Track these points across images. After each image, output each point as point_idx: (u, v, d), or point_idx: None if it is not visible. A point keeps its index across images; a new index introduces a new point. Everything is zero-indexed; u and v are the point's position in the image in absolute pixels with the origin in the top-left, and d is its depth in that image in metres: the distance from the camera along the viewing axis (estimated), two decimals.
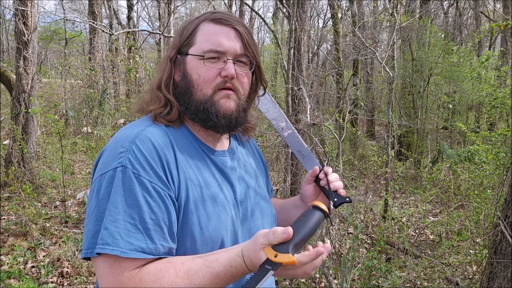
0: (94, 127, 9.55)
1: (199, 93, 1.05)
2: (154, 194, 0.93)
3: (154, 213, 0.93)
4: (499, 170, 4.49)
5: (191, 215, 0.98)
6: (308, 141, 3.98)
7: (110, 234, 0.89)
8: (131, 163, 0.94)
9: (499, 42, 14.51)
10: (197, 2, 21.95)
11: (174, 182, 0.97)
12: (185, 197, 0.98)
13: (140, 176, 0.93)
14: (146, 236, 0.91)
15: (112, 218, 0.91)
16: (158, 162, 0.96)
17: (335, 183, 1.19)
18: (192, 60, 1.06)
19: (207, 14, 1.09)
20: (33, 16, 5.97)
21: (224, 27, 1.06)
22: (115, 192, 0.92)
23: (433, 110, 9.15)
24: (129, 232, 0.90)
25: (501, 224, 2.39)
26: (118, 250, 0.88)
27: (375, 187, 5.61)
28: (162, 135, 1.01)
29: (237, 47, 1.06)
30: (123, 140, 0.98)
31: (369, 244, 4.32)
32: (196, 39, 1.07)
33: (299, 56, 4.29)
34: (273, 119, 1.34)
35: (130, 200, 0.92)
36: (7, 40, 16.42)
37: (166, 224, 0.94)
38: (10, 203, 5.07)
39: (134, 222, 0.91)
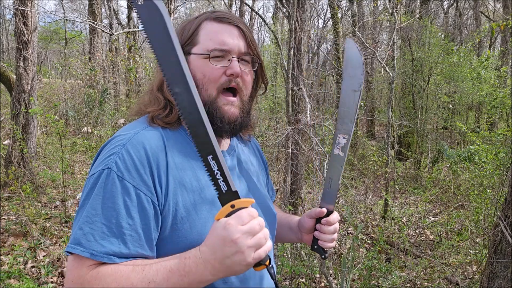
0: (94, 127, 9.56)
1: (203, 93, 1.04)
2: (135, 199, 0.91)
3: (132, 218, 0.91)
4: (499, 170, 4.49)
5: (182, 221, 0.96)
6: (308, 141, 3.98)
7: (84, 235, 0.89)
8: (117, 166, 0.93)
9: (499, 42, 14.51)
10: (197, 2, 21.96)
11: (162, 188, 0.95)
12: (174, 204, 0.96)
13: (123, 179, 0.92)
14: (120, 241, 0.90)
15: (88, 219, 0.90)
16: (146, 167, 0.94)
17: (325, 236, 1.18)
18: (196, 60, 1.05)
19: (208, 13, 1.08)
20: (33, 16, 5.97)
21: (227, 25, 1.06)
22: (96, 193, 0.92)
23: (433, 110, 9.15)
24: (103, 235, 0.89)
25: (501, 224, 2.39)
26: (88, 252, 0.88)
27: (375, 187, 5.61)
28: (156, 139, 0.99)
29: (241, 46, 1.05)
30: (116, 143, 0.98)
31: (369, 244, 4.32)
32: (199, 38, 1.05)
33: (299, 56, 4.29)
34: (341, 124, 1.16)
35: (109, 202, 0.91)
36: (7, 40, 16.43)
37: (143, 231, 0.92)
38: (10, 203, 5.07)
39: (110, 225, 0.90)
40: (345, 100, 1.13)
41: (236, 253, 0.85)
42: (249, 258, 0.86)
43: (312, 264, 3.47)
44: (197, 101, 0.89)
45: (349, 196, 4.87)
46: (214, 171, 0.89)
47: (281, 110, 9.90)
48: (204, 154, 0.89)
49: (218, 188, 0.90)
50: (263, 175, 1.30)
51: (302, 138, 4.02)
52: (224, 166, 0.90)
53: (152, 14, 0.87)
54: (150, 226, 0.93)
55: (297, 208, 4.19)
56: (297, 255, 3.59)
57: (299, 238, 1.27)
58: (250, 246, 0.86)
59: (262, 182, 1.26)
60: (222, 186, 0.89)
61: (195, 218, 0.97)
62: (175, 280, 0.87)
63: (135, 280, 0.87)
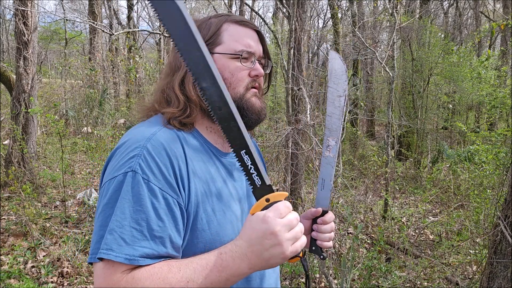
0: (94, 127, 9.56)
1: (231, 92, 1.06)
2: (163, 201, 0.92)
3: (162, 221, 0.91)
4: (499, 170, 4.49)
5: (202, 224, 0.97)
6: (308, 141, 3.98)
7: (115, 240, 0.88)
8: (141, 168, 0.92)
9: (499, 42, 14.51)
10: (197, 2, 21.95)
11: (185, 190, 0.95)
12: (196, 206, 0.97)
13: (150, 182, 0.91)
14: (153, 243, 0.89)
15: (118, 223, 0.89)
16: (169, 169, 0.94)
17: (322, 235, 1.19)
18: (221, 59, 1.07)
19: (226, 16, 1.13)
20: (33, 16, 5.97)
21: (249, 29, 1.12)
22: (123, 197, 0.91)
23: (433, 110, 9.15)
24: (134, 239, 0.88)
25: (501, 224, 2.39)
26: (121, 257, 0.87)
27: (375, 187, 5.61)
28: (174, 140, 1.00)
29: (260, 49, 1.13)
30: (135, 143, 0.96)
31: (369, 244, 4.32)
32: (223, 39, 1.09)
33: (299, 56, 4.29)
34: (328, 128, 1.22)
35: (138, 206, 0.90)
36: (7, 40, 16.43)
37: (173, 233, 0.92)
38: (10, 203, 5.07)
39: (141, 228, 0.89)
40: (331, 106, 1.19)
41: (275, 245, 0.86)
42: (287, 251, 0.87)
43: (312, 264, 3.47)
44: (226, 95, 0.89)
45: (349, 196, 4.87)
46: (248, 165, 0.89)
47: (281, 110, 9.91)
48: (237, 149, 0.89)
49: (252, 182, 0.90)
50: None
51: (302, 138, 4.02)
52: (257, 159, 0.90)
53: (169, 9, 0.86)
54: (179, 227, 0.94)
55: (297, 208, 4.19)
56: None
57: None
58: (288, 239, 0.87)
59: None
60: (256, 180, 0.89)
61: (214, 220, 0.99)
62: (213, 276, 0.88)
63: (173, 280, 0.87)
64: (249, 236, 0.88)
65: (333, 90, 1.19)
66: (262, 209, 0.89)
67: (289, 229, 0.88)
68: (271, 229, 0.86)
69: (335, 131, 1.20)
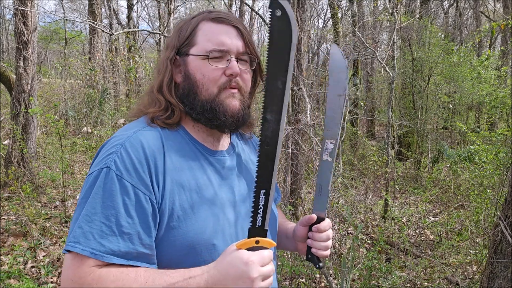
0: (94, 127, 9.55)
1: (204, 93, 1.04)
2: (134, 198, 0.92)
3: (131, 217, 0.92)
4: (499, 170, 4.49)
5: (179, 221, 0.97)
6: (308, 141, 3.98)
7: (83, 234, 0.90)
8: (116, 165, 0.94)
9: (499, 42, 14.50)
10: (197, 2, 21.94)
11: (159, 187, 0.96)
12: (171, 203, 0.97)
13: (123, 178, 0.93)
14: (120, 239, 0.90)
15: (88, 218, 0.91)
16: (144, 166, 0.95)
17: (318, 243, 1.15)
18: (194, 60, 1.05)
19: (205, 13, 1.09)
20: (33, 16, 5.96)
21: (224, 26, 1.06)
22: (95, 192, 0.92)
23: (433, 110, 9.14)
24: (102, 233, 0.90)
25: (501, 224, 2.39)
26: (88, 251, 0.88)
27: (375, 187, 5.61)
28: (155, 138, 1.01)
29: (239, 45, 1.06)
30: (115, 141, 0.99)
31: (369, 244, 4.32)
32: (197, 39, 1.06)
33: (299, 56, 4.29)
34: (327, 130, 1.16)
35: (109, 201, 0.91)
36: (7, 40, 16.42)
37: (143, 229, 0.93)
38: (10, 203, 5.07)
39: (110, 224, 0.90)
40: (331, 105, 1.14)
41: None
42: None
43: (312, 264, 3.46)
44: (281, 135, 0.89)
45: (349, 196, 4.86)
46: (260, 205, 0.90)
47: None
48: (259, 187, 0.90)
49: (254, 221, 0.90)
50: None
51: (302, 138, 4.02)
52: (270, 203, 0.90)
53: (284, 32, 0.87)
54: (150, 224, 0.93)
55: (297, 208, 4.19)
56: (297, 255, 3.59)
57: (295, 247, 1.25)
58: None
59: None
60: (259, 220, 0.90)
61: (192, 218, 0.98)
62: None
63: None
64: (227, 271, 0.88)
65: (333, 88, 1.13)
66: (249, 248, 0.90)
67: (264, 279, 0.89)
68: (250, 274, 0.86)
69: (334, 133, 1.15)
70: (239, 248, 0.89)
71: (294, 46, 0.87)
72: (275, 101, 0.87)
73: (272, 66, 0.87)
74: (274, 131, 0.88)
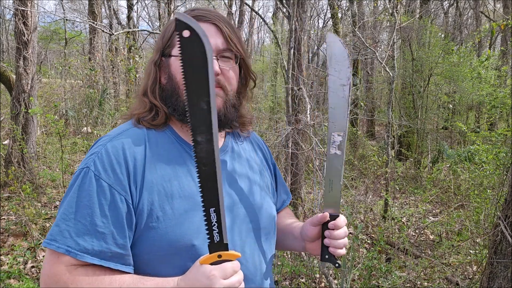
0: (94, 127, 9.55)
1: (182, 94, 1.03)
2: (110, 198, 0.94)
3: (106, 217, 0.93)
4: (499, 170, 4.48)
5: (158, 221, 0.97)
6: (308, 141, 3.98)
7: (60, 232, 0.93)
8: (95, 165, 0.96)
9: (499, 42, 14.50)
10: (197, 2, 21.94)
11: (137, 188, 0.97)
12: (149, 203, 0.97)
13: (100, 178, 0.95)
14: (94, 239, 0.92)
15: (65, 216, 0.94)
16: (122, 166, 0.97)
17: (336, 242, 1.12)
18: (175, 61, 1.05)
19: (186, 12, 1.08)
20: (33, 16, 5.96)
21: (203, 24, 1.04)
22: (74, 191, 0.95)
23: (433, 110, 9.14)
24: (78, 232, 0.92)
25: (501, 224, 2.39)
26: (63, 248, 0.91)
27: (375, 187, 5.61)
28: (138, 139, 1.02)
29: (218, 43, 1.04)
30: (99, 142, 1.02)
31: (369, 244, 4.32)
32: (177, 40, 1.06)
33: (299, 56, 4.29)
34: (333, 122, 1.09)
35: (85, 201, 0.94)
36: (7, 40, 16.42)
37: (117, 229, 0.94)
38: (10, 203, 5.07)
39: (85, 222, 0.93)
40: (334, 96, 1.07)
41: None
42: None
43: (312, 264, 3.47)
44: (216, 154, 0.89)
45: (349, 196, 4.86)
46: (212, 222, 0.91)
47: (281, 110, 9.90)
48: (207, 206, 0.90)
49: (210, 237, 0.91)
50: (266, 175, 1.26)
51: (302, 138, 4.02)
52: (223, 219, 0.91)
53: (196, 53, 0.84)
54: (123, 225, 0.95)
55: (297, 208, 4.19)
56: (297, 255, 3.59)
57: (303, 247, 1.22)
58: None
59: (263, 182, 1.22)
60: (216, 236, 0.91)
61: (172, 218, 0.98)
62: None
63: None
64: (193, 285, 0.90)
65: (335, 79, 1.06)
66: (212, 263, 0.91)
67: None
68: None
69: (340, 125, 1.07)
70: (202, 263, 0.91)
71: (211, 63, 0.85)
72: (202, 123, 0.87)
73: (191, 90, 0.86)
74: (208, 151, 0.88)
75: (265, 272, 1.14)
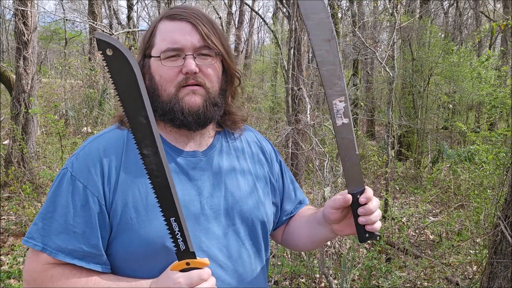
0: (94, 127, 9.55)
1: (163, 94, 1.03)
2: (83, 198, 0.96)
3: (80, 217, 0.96)
4: (499, 170, 4.48)
5: (131, 222, 0.98)
6: (308, 141, 3.98)
7: (38, 230, 0.96)
8: (73, 166, 0.99)
9: (499, 42, 14.50)
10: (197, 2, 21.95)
11: (110, 189, 0.98)
12: (123, 204, 0.98)
13: (76, 179, 0.98)
14: (68, 238, 0.95)
15: (44, 215, 0.97)
16: (97, 167, 0.98)
17: (373, 216, 1.02)
18: (154, 62, 1.04)
19: (165, 12, 1.08)
20: (33, 16, 5.96)
21: (178, 22, 1.03)
22: (52, 191, 0.99)
23: (433, 110, 9.14)
24: (54, 231, 0.95)
25: (501, 224, 2.39)
26: (40, 246, 0.95)
27: (375, 187, 5.61)
28: (116, 141, 1.03)
29: (194, 40, 1.02)
30: (82, 144, 1.05)
31: (369, 244, 4.32)
32: (156, 40, 1.05)
33: (299, 56, 4.29)
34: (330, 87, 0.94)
35: (63, 200, 0.97)
36: (7, 40, 16.41)
37: (89, 229, 0.96)
38: (10, 203, 5.07)
39: (60, 221, 0.96)
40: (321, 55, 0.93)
41: None
42: None
43: (312, 264, 3.47)
44: (165, 165, 0.89)
45: None
46: (175, 231, 0.92)
47: (281, 110, 9.90)
48: (167, 216, 0.91)
49: (176, 245, 0.92)
50: (260, 174, 1.20)
51: (302, 138, 4.02)
52: (185, 227, 0.92)
53: (122, 69, 0.84)
54: (95, 225, 0.97)
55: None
56: (297, 255, 3.59)
57: (331, 231, 1.12)
58: None
59: (251, 183, 1.16)
60: (181, 245, 0.92)
61: (145, 219, 0.98)
62: None
63: None
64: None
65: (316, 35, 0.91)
66: (181, 270, 0.93)
67: None
68: None
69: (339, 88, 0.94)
70: (173, 269, 0.93)
71: (140, 77, 0.84)
72: (145, 136, 0.87)
73: (128, 107, 0.86)
74: (157, 163, 0.88)
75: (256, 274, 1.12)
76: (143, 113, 0.86)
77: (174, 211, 0.91)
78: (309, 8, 0.92)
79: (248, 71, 13.39)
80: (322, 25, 0.92)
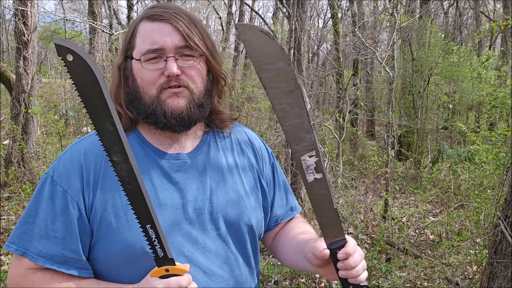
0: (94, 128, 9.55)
1: (145, 96, 1.01)
2: (63, 203, 0.96)
3: (59, 222, 0.95)
4: (499, 170, 4.49)
5: (111, 226, 0.97)
6: None
7: (18, 235, 0.96)
8: (54, 171, 0.99)
9: (499, 42, 14.50)
10: (197, 2, 21.94)
11: (90, 193, 0.97)
12: (103, 208, 0.97)
13: (57, 184, 0.97)
14: (48, 242, 0.95)
15: (25, 220, 0.96)
16: (77, 172, 0.98)
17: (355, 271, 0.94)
18: (135, 64, 1.02)
19: (145, 11, 1.04)
20: (33, 16, 5.96)
21: (158, 23, 1.00)
22: (35, 196, 0.98)
23: (433, 110, 9.14)
24: (36, 236, 0.95)
25: (501, 224, 2.39)
26: (21, 251, 0.95)
27: (375, 187, 5.61)
28: (98, 144, 0.98)
29: (175, 41, 0.98)
30: (65, 149, 1.04)
31: (369, 244, 4.32)
32: (136, 41, 1.02)
33: (299, 56, 4.29)
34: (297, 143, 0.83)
35: (44, 205, 0.96)
36: (7, 40, 16.42)
37: (69, 234, 0.95)
38: (10, 203, 5.07)
39: (41, 226, 0.95)
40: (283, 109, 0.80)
41: None
42: None
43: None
44: (135, 171, 0.88)
45: (349, 196, 4.86)
46: (152, 238, 0.91)
47: None
48: (143, 223, 0.91)
49: (155, 252, 0.92)
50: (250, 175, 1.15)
51: None
52: (161, 233, 0.91)
53: (84, 75, 0.81)
54: (75, 230, 0.96)
55: None
56: None
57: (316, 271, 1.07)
58: None
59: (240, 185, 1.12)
60: (159, 252, 0.92)
61: (125, 223, 0.97)
62: None
63: None
64: None
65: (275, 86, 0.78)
66: (161, 276, 0.92)
67: None
68: None
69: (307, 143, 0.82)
70: (152, 276, 0.92)
71: (103, 82, 0.82)
72: (114, 143, 0.85)
73: (94, 114, 0.84)
74: (128, 169, 0.87)
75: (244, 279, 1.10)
76: (109, 119, 0.84)
77: (149, 218, 0.89)
78: (262, 59, 0.77)
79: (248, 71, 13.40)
80: (281, 76, 0.78)
